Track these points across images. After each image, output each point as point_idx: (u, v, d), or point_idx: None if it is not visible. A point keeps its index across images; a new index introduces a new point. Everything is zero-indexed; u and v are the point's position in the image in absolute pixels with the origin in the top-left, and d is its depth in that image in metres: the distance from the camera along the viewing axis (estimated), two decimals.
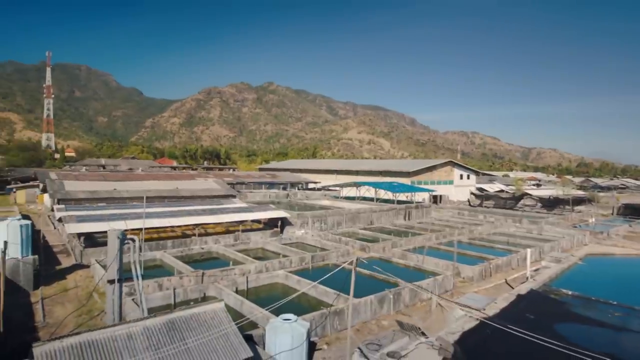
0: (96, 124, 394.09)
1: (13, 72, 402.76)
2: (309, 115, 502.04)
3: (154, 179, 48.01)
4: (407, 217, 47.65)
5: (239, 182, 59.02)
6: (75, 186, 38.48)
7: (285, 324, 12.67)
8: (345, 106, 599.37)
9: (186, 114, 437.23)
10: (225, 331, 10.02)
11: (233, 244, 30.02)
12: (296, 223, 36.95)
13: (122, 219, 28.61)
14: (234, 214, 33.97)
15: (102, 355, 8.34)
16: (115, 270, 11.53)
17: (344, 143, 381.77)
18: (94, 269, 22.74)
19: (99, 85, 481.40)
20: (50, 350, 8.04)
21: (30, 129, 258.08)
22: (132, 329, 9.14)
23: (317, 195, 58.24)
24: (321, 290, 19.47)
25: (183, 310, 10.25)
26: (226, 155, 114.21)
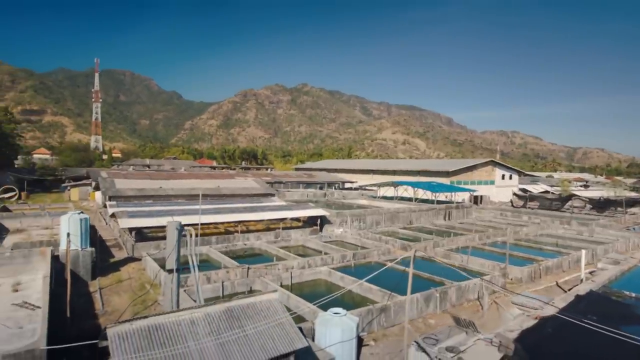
0: (139, 126, 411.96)
1: (64, 78, 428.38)
2: (342, 115, 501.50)
3: (196, 178, 49.54)
4: (447, 218, 46.61)
5: (277, 182, 59.84)
6: (125, 184, 40.37)
7: (336, 318, 12.75)
8: (379, 106, 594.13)
9: (223, 116, 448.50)
10: (281, 320, 10.21)
11: (274, 241, 30.48)
12: (335, 222, 37.03)
13: (169, 215, 29.69)
14: (274, 212, 34.51)
15: (168, 338, 8.72)
16: (174, 260, 12.01)
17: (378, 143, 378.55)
18: (145, 261, 23.78)
19: (142, 89, 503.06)
20: (121, 331, 8.50)
21: (80, 131, 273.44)
22: (195, 314, 9.50)
23: (354, 195, 58.07)
24: (366, 287, 19.43)
25: (240, 299, 10.53)
26: (263, 156, 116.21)
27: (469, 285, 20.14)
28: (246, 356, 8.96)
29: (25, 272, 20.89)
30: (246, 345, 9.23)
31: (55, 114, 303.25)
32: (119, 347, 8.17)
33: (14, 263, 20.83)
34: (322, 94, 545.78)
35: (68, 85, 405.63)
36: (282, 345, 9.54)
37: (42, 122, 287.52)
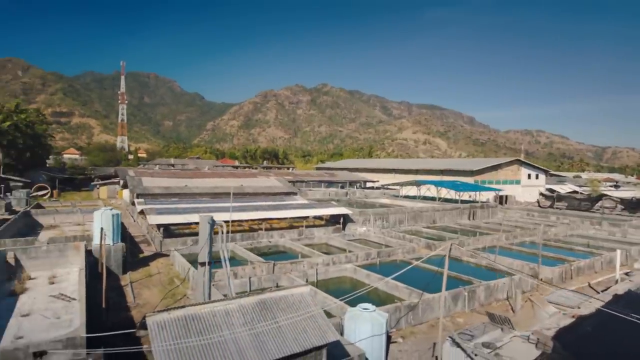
0: (163, 127, 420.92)
1: (91, 81, 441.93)
2: (362, 115, 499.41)
3: (220, 177, 50.26)
4: (472, 217, 45.82)
5: (298, 181, 60.09)
6: (151, 182, 41.31)
7: (365, 313, 12.72)
8: (399, 106, 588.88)
9: (244, 116, 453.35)
10: (313, 313, 10.25)
11: (298, 238, 30.62)
12: (358, 220, 36.93)
13: (195, 212, 30.26)
14: (298, 210, 34.69)
15: (204, 327, 8.88)
16: (206, 253, 12.21)
17: (398, 143, 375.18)
18: (173, 257, 24.28)
19: (165, 91, 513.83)
20: (160, 320, 8.71)
21: (106, 132, 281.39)
22: (229, 306, 9.64)
23: (376, 194, 57.75)
24: (392, 285, 19.31)
25: (272, 291, 10.63)
26: (284, 155, 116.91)
27: (498, 284, 19.76)
28: (280, 347, 9.04)
29: (60, 265, 21.65)
30: (279, 336, 9.31)
31: (83, 116, 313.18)
32: (159, 335, 8.37)
33: (50, 257, 21.60)
34: (342, 94, 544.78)
35: (95, 88, 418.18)
36: (314, 338, 9.58)
37: (71, 123, 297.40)
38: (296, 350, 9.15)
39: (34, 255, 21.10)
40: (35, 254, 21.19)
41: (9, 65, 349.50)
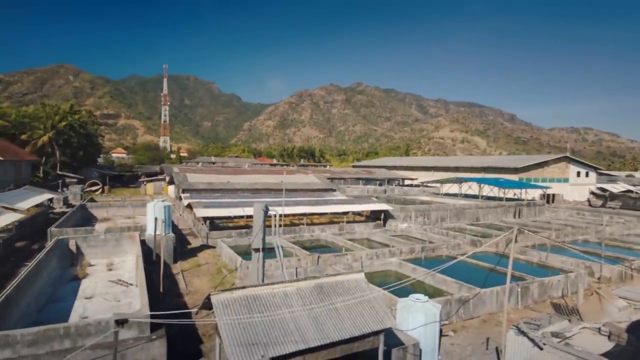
0: (202, 128, 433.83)
1: (135, 84, 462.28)
2: (398, 114, 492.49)
3: (260, 174, 51.18)
4: (518, 215, 44.12)
5: (336, 178, 60.11)
6: (196, 178, 42.68)
7: (418, 303, 12.54)
8: (436, 104, 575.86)
9: (279, 116, 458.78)
10: (369, 299, 10.22)
11: (339, 233, 30.64)
12: (398, 216, 36.47)
13: (239, 207, 31.03)
14: (339, 205, 34.72)
15: (265, 307, 9.08)
16: (260, 240, 12.46)
17: (435, 142, 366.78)
18: (220, 248, 24.98)
19: (204, 93, 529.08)
20: (224, 299, 8.99)
21: (149, 133, 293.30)
22: (287, 288, 9.80)
23: (416, 192, 56.82)
24: (439, 279, 18.97)
25: (328, 277, 10.71)
26: (320, 154, 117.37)
27: (553, 281, 18.93)
28: (339, 330, 9.09)
29: (116, 254, 22.82)
30: (338, 319, 9.36)
31: (128, 118, 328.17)
32: (223, 312, 8.65)
33: (107, 245, 22.79)
34: (377, 93, 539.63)
35: (139, 91, 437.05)
36: (372, 323, 9.56)
37: (117, 125, 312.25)
38: (355, 333, 9.17)
39: (92, 244, 22.34)
40: (94, 242, 22.42)
41: (61, 70, 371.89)
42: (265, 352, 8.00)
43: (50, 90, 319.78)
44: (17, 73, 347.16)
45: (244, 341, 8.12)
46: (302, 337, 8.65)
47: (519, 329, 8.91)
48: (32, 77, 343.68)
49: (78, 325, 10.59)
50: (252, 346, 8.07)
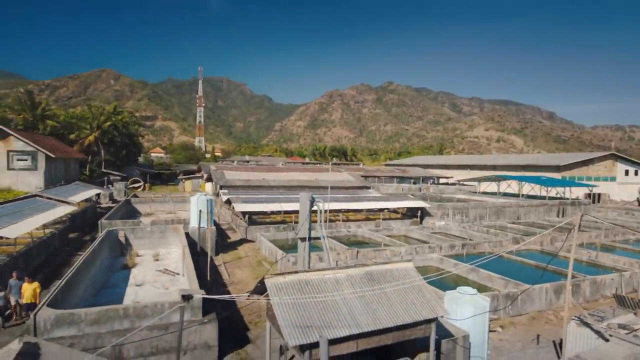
0: (234, 129, 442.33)
1: (171, 87, 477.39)
2: (430, 113, 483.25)
3: (294, 171, 51.65)
4: (561, 214, 42.30)
5: (370, 176, 59.70)
6: (233, 175, 43.59)
7: (466, 296, 12.29)
8: (470, 102, 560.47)
9: (310, 117, 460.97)
10: (420, 288, 10.11)
11: (376, 229, 30.45)
12: (436, 214, 35.81)
13: (276, 202, 31.47)
14: (375, 202, 34.52)
15: (316, 291, 9.15)
16: (306, 229, 12.58)
17: (469, 141, 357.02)
18: (260, 242, 25.40)
19: (237, 94, 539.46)
20: (277, 282, 9.14)
21: (185, 134, 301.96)
22: (338, 275, 9.85)
23: (452, 190, 55.61)
24: (484, 275, 18.50)
25: (377, 265, 10.67)
26: (352, 153, 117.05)
27: (605, 280, 18.04)
28: (391, 316, 9.04)
29: (161, 245, 23.67)
30: (389, 306, 9.31)
31: (164, 119, 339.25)
32: (277, 295, 8.80)
33: (152, 237, 23.67)
34: (409, 92, 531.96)
35: (175, 94, 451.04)
36: (424, 311, 9.45)
37: (154, 126, 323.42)
38: (407, 320, 9.09)
39: (140, 235, 23.27)
40: (141, 234, 23.36)
41: (102, 75, 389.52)
42: (320, 334, 8.07)
43: (93, 94, 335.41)
44: (63, 78, 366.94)
45: (298, 323, 8.23)
46: (355, 321, 8.66)
47: (581, 320, 8.54)
48: (77, 82, 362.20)
49: (136, 307, 11.07)
50: (306, 328, 8.16)
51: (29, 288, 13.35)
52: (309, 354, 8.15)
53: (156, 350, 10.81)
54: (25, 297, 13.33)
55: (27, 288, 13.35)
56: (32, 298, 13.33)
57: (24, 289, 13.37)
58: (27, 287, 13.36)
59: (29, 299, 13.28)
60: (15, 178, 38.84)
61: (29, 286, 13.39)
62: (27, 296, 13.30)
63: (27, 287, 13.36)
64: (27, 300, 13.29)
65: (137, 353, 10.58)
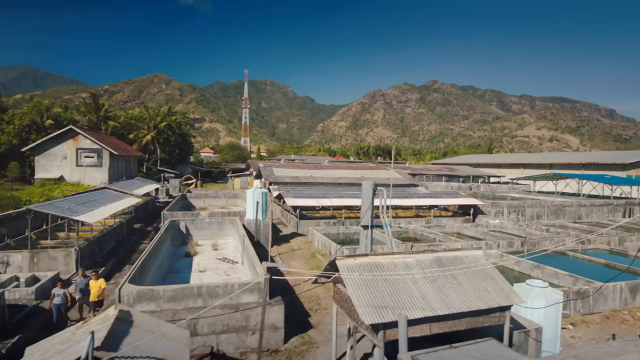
0: (277, 130, 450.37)
1: (218, 90, 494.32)
2: (476, 112, 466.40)
3: (340, 169, 51.77)
4: (628, 214, 39.43)
5: (417, 174, 58.64)
6: (282, 172, 44.43)
7: (537, 288, 11.82)
8: (520, 100, 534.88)
9: (352, 117, 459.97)
10: (492, 275, 9.85)
11: (428, 226, 29.89)
12: (489, 212, 34.58)
13: (326, 197, 31.73)
14: (425, 199, 33.92)
15: (386, 274, 9.16)
16: (368, 217, 12.61)
17: (518, 141, 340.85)
18: (312, 235, 25.73)
19: (280, 96, 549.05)
20: (348, 264, 9.25)
21: (230, 135, 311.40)
22: (407, 259, 9.80)
23: (504, 189, 53.41)
24: (549, 272, 17.65)
25: (446, 251, 10.51)
26: (397, 152, 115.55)
27: None
28: (464, 301, 8.87)
29: (218, 236, 24.57)
30: (462, 292, 9.14)
31: (211, 121, 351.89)
32: (349, 275, 8.90)
33: (211, 228, 24.64)
34: (454, 90, 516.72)
35: (221, 96, 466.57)
36: (499, 298, 9.19)
37: (202, 128, 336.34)
38: (481, 306, 8.88)
39: (199, 226, 24.30)
40: (200, 225, 24.38)
41: (155, 80, 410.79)
42: (395, 315, 8.09)
43: (146, 98, 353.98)
44: (119, 83, 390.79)
45: (371, 303, 8.28)
46: (429, 305, 8.59)
47: None
48: (132, 87, 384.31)
49: (209, 286, 11.62)
50: (380, 308, 8.20)
51: (95, 285, 12.73)
52: (382, 334, 8.19)
53: (227, 329, 11.28)
54: (92, 294, 12.68)
55: (94, 285, 12.75)
56: (99, 295, 12.74)
57: (91, 286, 12.77)
58: (93, 285, 12.77)
59: (94, 297, 12.64)
60: (83, 174, 41.83)
61: (95, 283, 12.78)
62: (93, 293, 12.68)
63: (94, 285, 12.76)
64: (94, 297, 12.62)
65: (210, 330, 11.09)
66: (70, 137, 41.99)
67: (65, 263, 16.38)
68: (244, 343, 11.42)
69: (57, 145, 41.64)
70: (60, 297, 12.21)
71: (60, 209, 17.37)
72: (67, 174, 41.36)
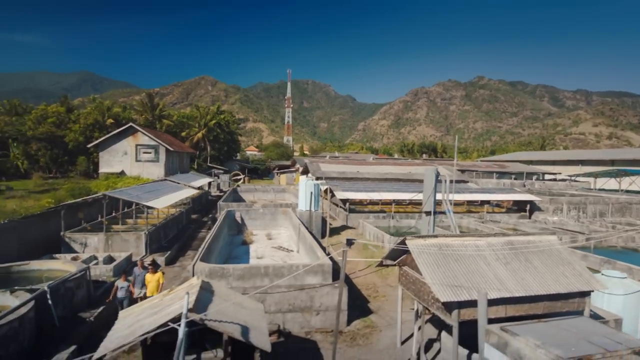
0: (319, 129, 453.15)
1: (261, 91, 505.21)
2: (526, 108, 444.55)
3: (386, 165, 51.34)
4: None
5: (466, 170, 56.92)
6: (328, 167, 44.75)
7: (615, 279, 11.24)
8: (574, 95, 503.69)
9: (394, 115, 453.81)
10: (569, 260, 9.47)
11: (482, 221, 29.00)
12: (547, 209, 32.99)
13: (375, 191, 31.62)
14: (478, 194, 32.93)
15: (457, 255, 9.06)
16: (431, 203, 12.49)
17: (573, 138, 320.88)
18: (363, 227, 25.78)
19: (321, 95, 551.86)
20: (418, 244, 9.25)
21: (273, 135, 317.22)
22: (478, 241, 9.64)
23: (561, 186, 50.63)
24: (622, 267, 16.56)
25: (518, 235, 10.24)
26: (442, 149, 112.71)
27: None
28: (541, 285, 8.60)
29: (271, 226, 25.18)
30: (537, 275, 8.87)
31: (255, 121, 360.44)
32: (420, 255, 8.91)
33: (264, 219, 25.30)
34: (502, 86, 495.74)
35: (264, 97, 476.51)
36: (578, 283, 8.83)
37: (246, 128, 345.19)
38: (560, 290, 8.57)
39: (253, 217, 25.03)
40: (254, 215, 25.10)
41: (202, 82, 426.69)
42: (469, 294, 8.00)
43: (194, 100, 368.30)
44: (169, 86, 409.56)
45: (445, 282, 8.23)
46: (504, 286, 8.41)
47: None
48: (180, 89, 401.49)
49: (275, 266, 12.01)
50: (454, 287, 8.13)
51: (153, 279, 11.81)
52: (457, 313, 8.12)
53: (292, 308, 11.61)
54: (149, 289, 11.74)
55: (151, 279, 11.83)
56: (156, 290, 11.58)
57: (148, 280, 11.87)
58: (150, 278, 11.85)
59: (153, 292, 11.53)
60: (142, 168, 44.29)
61: (152, 277, 11.86)
62: (150, 288, 11.72)
63: (151, 279, 11.84)
64: (151, 292, 11.51)
65: (276, 309, 11.46)
66: (130, 134, 44.58)
67: (136, 245, 17.51)
68: (308, 323, 11.70)
69: (118, 142, 44.35)
70: (124, 289, 11.70)
71: (131, 195, 18.59)
72: (127, 168, 43.97)
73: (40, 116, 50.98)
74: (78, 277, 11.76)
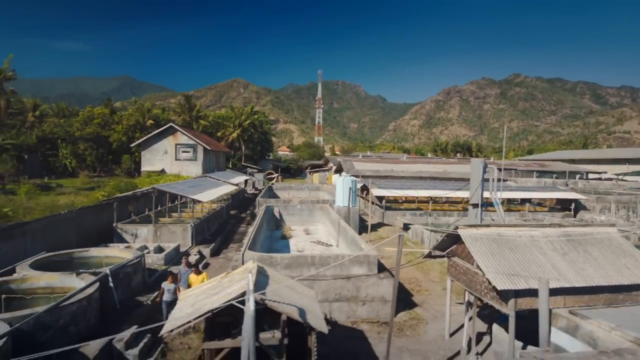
0: (349, 129, 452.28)
1: (292, 92, 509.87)
2: (566, 106, 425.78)
3: (420, 163, 50.67)
4: None
5: (504, 169, 55.29)
6: (362, 166, 44.68)
7: None
8: (618, 92, 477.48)
9: (425, 115, 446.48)
10: (630, 252, 9.10)
11: (524, 219, 28.16)
12: (594, 208, 31.61)
13: (411, 189, 31.33)
14: (519, 192, 32.05)
15: (512, 244, 8.91)
16: (478, 196, 12.30)
17: (617, 137, 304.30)
18: (400, 224, 25.61)
19: (351, 96, 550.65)
20: (471, 233, 9.16)
21: (303, 136, 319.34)
22: (533, 232, 9.45)
23: (607, 185, 48.29)
24: None
25: (575, 226, 9.94)
26: (477, 148, 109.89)
27: None
28: (602, 276, 8.33)
29: (309, 222, 25.45)
30: (597, 266, 8.59)
31: (285, 122, 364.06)
32: (474, 244, 8.82)
33: (301, 214, 25.60)
34: (539, 84, 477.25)
35: (295, 98, 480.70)
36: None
37: (277, 129, 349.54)
38: (623, 282, 8.27)
39: (291, 212, 25.38)
40: (292, 211, 25.46)
41: (234, 84, 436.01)
42: (528, 283, 7.85)
43: (226, 102, 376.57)
44: (203, 89, 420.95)
45: (500, 271, 8.12)
46: (562, 276, 8.21)
47: None
48: (213, 91, 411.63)
49: (321, 256, 12.19)
50: (511, 276, 8.01)
51: (197, 280, 10.58)
52: (513, 302, 7.99)
53: (339, 297, 11.74)
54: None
55: (195, 280, 10.66)
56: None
57: (192, 281, 10.76)
58: (194, 279, 10.74)
59: None
60: (181, 167, 45.79)
61: (196, 278, 10.75)
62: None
63: (195, 279, 10.71)
64: None
65: (323, 297, 11.62)
66: (170, 134, 46.19)
67: (183, 237, 18.20)
68: (354, 313, 11.80)
69: (159, 141, 46.05)
70: (171, 292, 10.82)
71: (177, 189, 19.35)
72: (167, 167, 45.57)
73: (87, 117, 53.71)
74: (134, 263, 12.39)
